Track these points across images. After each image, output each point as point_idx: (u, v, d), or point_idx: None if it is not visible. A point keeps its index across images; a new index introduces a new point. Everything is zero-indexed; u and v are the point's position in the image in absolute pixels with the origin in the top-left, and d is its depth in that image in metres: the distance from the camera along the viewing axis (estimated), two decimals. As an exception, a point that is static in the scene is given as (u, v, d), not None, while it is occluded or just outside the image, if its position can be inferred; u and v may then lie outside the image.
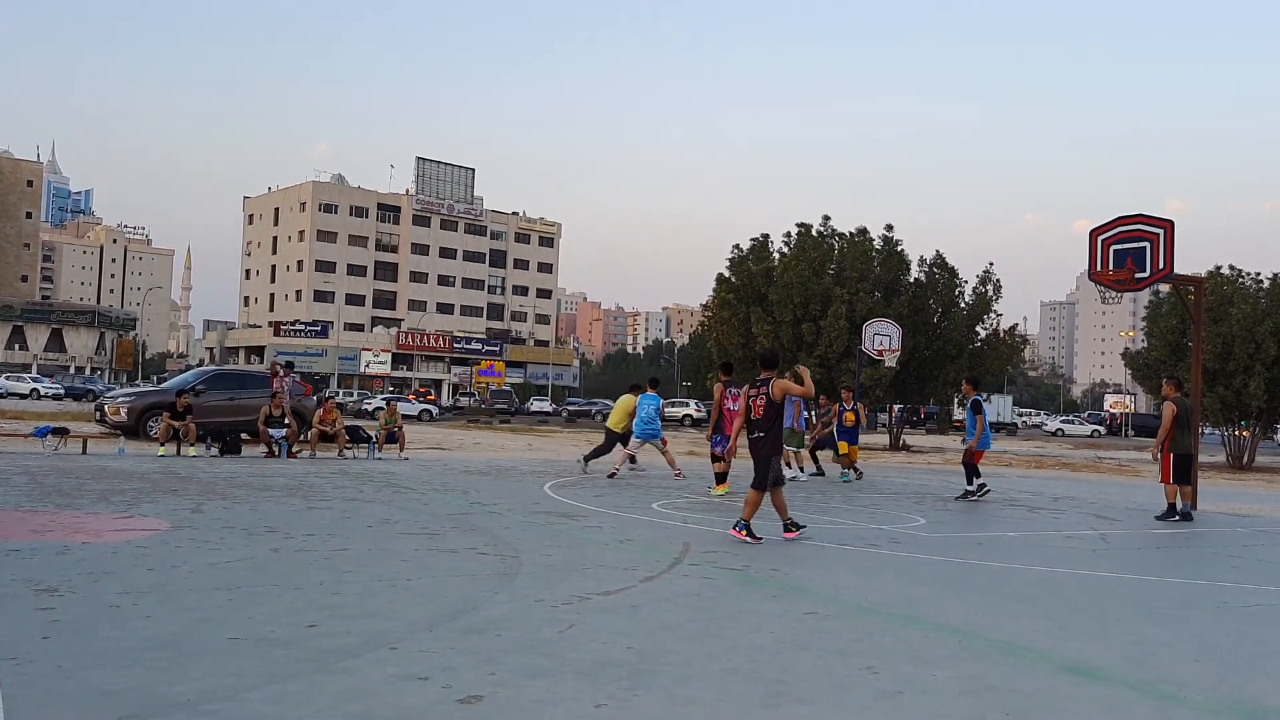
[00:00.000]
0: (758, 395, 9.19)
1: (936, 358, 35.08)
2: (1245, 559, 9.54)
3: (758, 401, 9.18)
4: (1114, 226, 14.89)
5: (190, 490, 11.72)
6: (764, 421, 9.15)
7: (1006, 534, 10.90)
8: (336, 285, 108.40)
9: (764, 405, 9.13)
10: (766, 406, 9.13)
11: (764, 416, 9.14)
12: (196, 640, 4.80)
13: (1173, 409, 12.94)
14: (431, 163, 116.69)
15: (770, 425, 9.17)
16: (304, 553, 7.55)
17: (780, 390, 9.12)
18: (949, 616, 6.10)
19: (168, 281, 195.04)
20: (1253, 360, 29.32)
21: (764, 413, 9.13)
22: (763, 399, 9.14)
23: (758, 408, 9.17)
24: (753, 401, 9.21)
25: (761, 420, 9.14)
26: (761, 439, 9.16)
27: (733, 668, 4.66)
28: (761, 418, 9.14)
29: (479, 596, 6.12)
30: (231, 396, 21.74)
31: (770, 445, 9.17)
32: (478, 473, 16.37)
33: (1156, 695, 4.50)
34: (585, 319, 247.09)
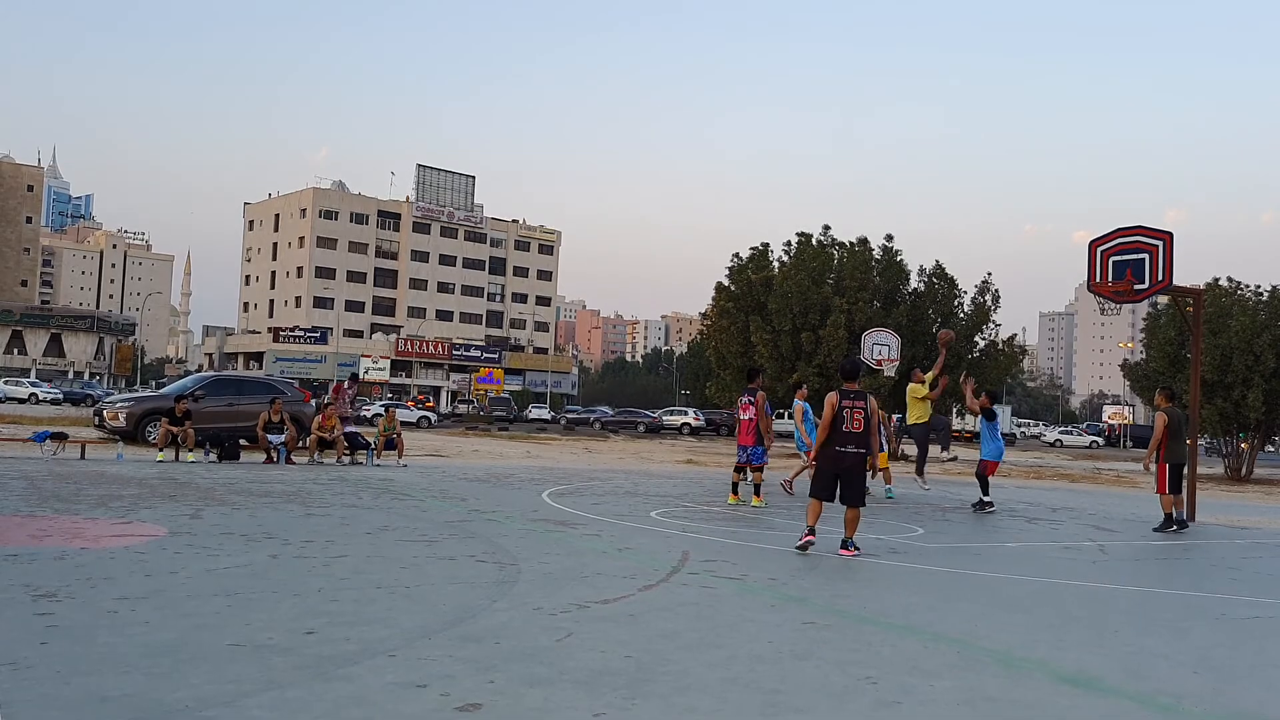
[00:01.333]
0: (854, 409, 8.98)
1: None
2: (1243, 571, 9.54)
3: (856, 415, 8.98)
4: (1113, 238, 14.92)
5: (189, 496, 11.71)
6: (865, 436, 9.03)
7: (1005, 544, 10.90)
8: (336, 291, 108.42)
9: (863, 419, 9.00)
10: (866, 420, 9.01)
11: (864, 430, 9.01)
12: (195, 646, 4.79)
13: (1164, 419, 12.92)
14: (432, 170, 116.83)
15: (868, 440, 9.12)
16: (302, 559, 7.55)
17: (876, 407, 9.08)
18: (948, 626, 6.10)
19: (167, 287, 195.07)
20: (1251, 372, 29.34)
21: (863, 426, 9.00)
22: (860, 413, 8.99)
23: (857, 421, 8.97)
24: (850, 413, 8.97)
25: (862, 434, 9.00)
26: (863, 454, 9.08)
27: (731, 677, 4.66)
28: (862, 431, 9.00)
29: (477, 604, 6.12)
30: (230, 402, 21.73)
31: (864, 461, 9.11)
32: (476, 480, 16.36)
33: (1155, 706, 4.50)
34: (584, 327, 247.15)
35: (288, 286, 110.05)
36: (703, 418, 63.17)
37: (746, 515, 12.46)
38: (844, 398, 9.03)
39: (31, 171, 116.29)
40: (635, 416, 66.60)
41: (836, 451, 8.96)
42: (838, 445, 8.95)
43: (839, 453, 8.95)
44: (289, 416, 19.15)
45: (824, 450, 9.03)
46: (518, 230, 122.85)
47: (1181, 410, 14.01)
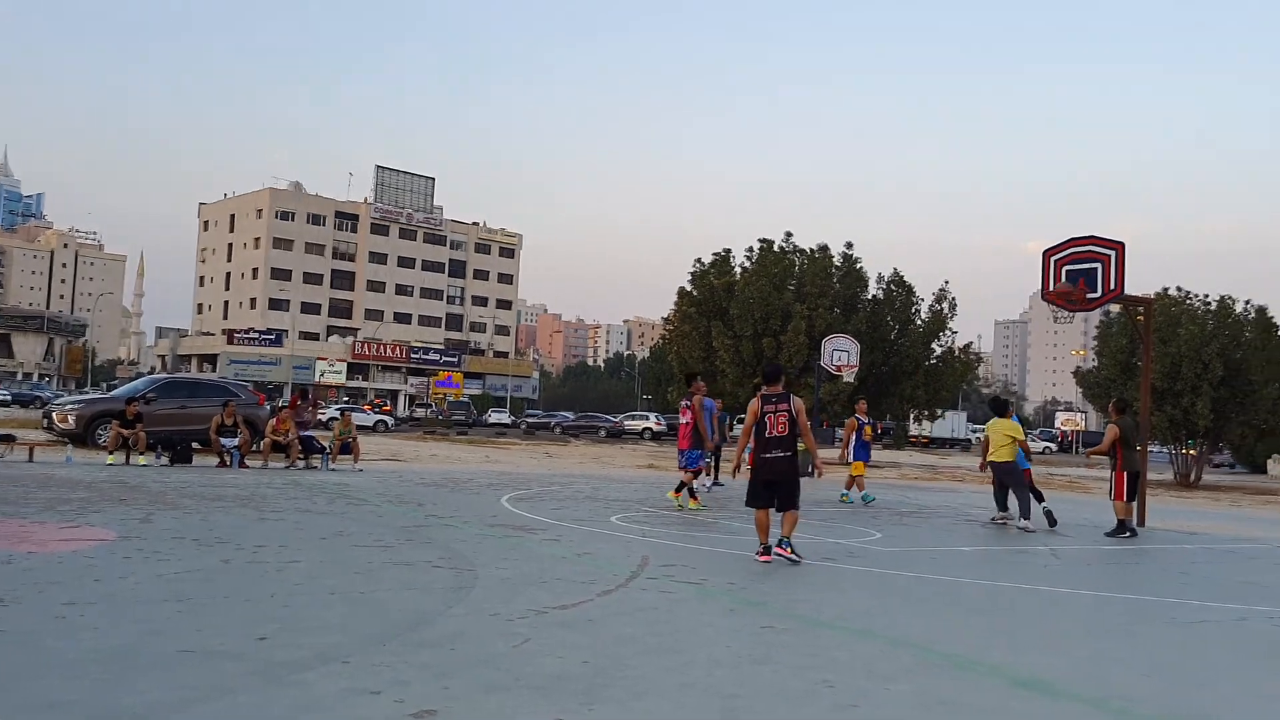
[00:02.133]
0: (776, 412, 8.91)
1: (893, 374, 35.45)
2: (1193, 575, 9.71)
3: (779, 418, 8.90)
4: (1066, 247, 15.15)
5: (139, 500, 11.51)
6: (791, 439, 8.95)
7: (960, 548, 11.01)
8: (292, 293, 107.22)
9: (787, 421, 8.91)
10: (790, 423, 8.92)
11: (789, 433, 8.93)
12: (145, 652, 4.70)
13: (1115, 430, 13.40)
14: (391, 171, 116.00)
15: (795, 442, 9.04)
16: (255, 564, 7.44)
17: (801, 407, 9.05)
18: (904, 630, 6.14)
19: (119, 287, 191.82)
20: (1200, 380, 29.94)
21: (788, 429, 8.92)
22: (785, 415, 8.92)
23: (780, 425, 8.89)
24: (771, 418, 8.90)
25: (788, 438, 8.92)
26: (791, 457, 8.97)
27: (689, 682, 4.65)
28: (786, 434, 8.92)
29: (433, 610, 6.06)
30: (183, 405, 21.39)
31: (795, 463, 9.07)
32: (433, 485, 16.24)
33: (1108, 710, 4.56)
34: (545, 331, 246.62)
35: (243, 288, 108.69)
36: (664, 422, 63.16)
37: (705, 520, 12.48)
38: (765, 402, 8.96)
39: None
40: (596, 421, 66.55)
41: (763, 458, 8.90)
42: (763, 451, 8.89)
43: (765, 459, 8.89)
44: (243, 420, 18.89)
45: (754, 457, 8.99)
46: (478, 233, 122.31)
47: (1133, 420, 14.31)
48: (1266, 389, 30.48)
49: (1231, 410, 30.81)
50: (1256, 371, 30.47)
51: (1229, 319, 31.63)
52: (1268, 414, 31.04)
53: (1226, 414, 30.84)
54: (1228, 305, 32.06)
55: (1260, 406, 30.64)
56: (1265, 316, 31.86)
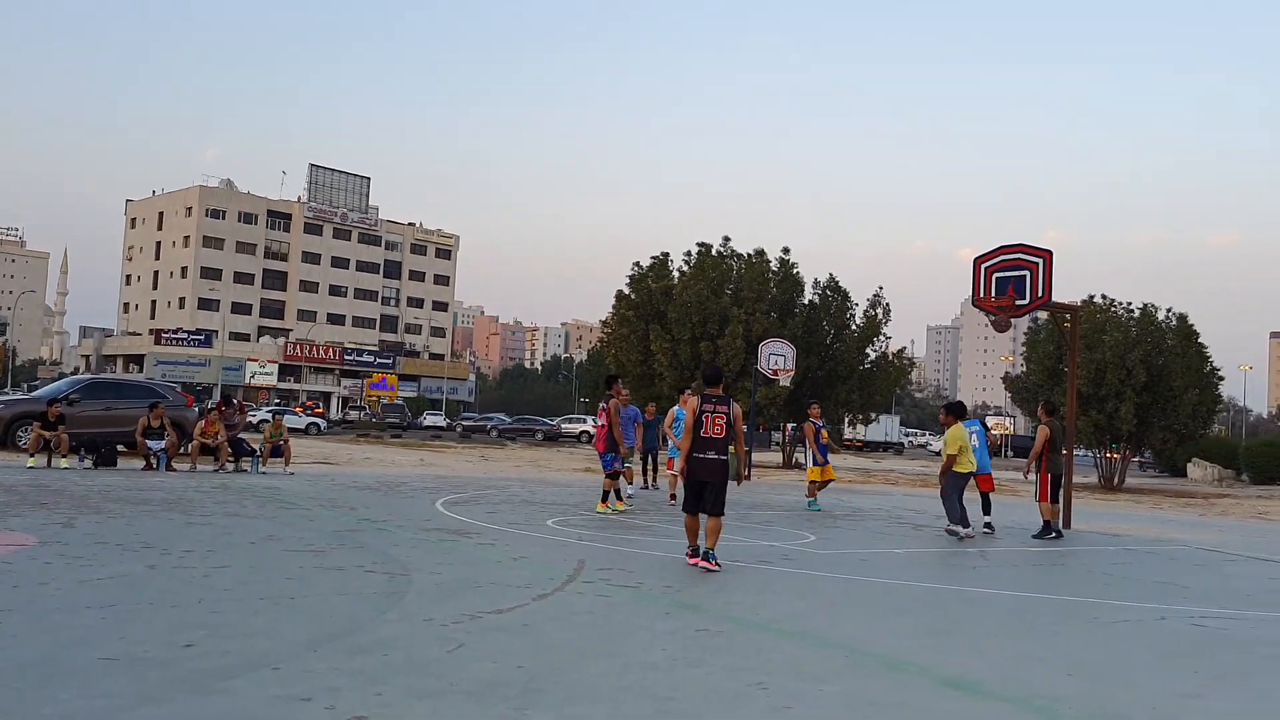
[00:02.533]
0: (715, 413, 8.72)
1: (829, 378, 35.87)
2: (1115, 576, 9.97)
3: (717, 419, 8.71)
4: (997, 255, 15.46)
5: (61, 504, 11.19)
6: (724, 442, 8.77)
7: (892, 551, 11.17)
8: (222, 293, 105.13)
9: (724, 424, 8.73)
10: (727, 426, 8.75)
11: (725, 436, 8.75)
12: (65, 661, 4.57)
13: (1046, 432, 13.69)
14: (325, 170, 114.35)
15: (728, 446, 8.87)
16: (182, 570, 7.28)
17: (739, 414, 8.94)
18: (836, 632, 6.22)
19: (42, 286, 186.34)
20: (1124, 386, 30.76)
21: (725, 432, 8.74)
22: (722, 418, 8.74)
23: (718, 426, 8.70)
24: (709, 418, 8.69)
25: (722, 440, 8.74)
26: (724, 460, 8.80)
27: (624, 686, 4.65)
28: (723, 436, 8.73)
29: (365, 615, 5.99)
30: (108, 406, 20.86)
31: (726, 466, 8.86)
32: (367, 488, 16.04)
33: (1031, 708, 4.66)
34: (482, 333, 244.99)
35: (171, 287, 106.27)
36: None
37: (640, 524, 12.50)
38: (705, 402, 8.79)
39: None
40: (533, 424, 66.25)
41: (697, 458, 8.71)
42: (697, 451, 8.71)
43: (699, 459, 8.70)
44: (170, 422, 18.47)
45: (689, 458, 8.78)
46: (414, 233, 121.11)
47: (1060, 423, 14.65)
48: (1186, 395, 31.41)
49: (1153, 415, 31.69)
50: (1177, 378, 31.38)
51: (1151, 326, 32.54)
52: (1188, 419, 31.97)
53: (1149, 419, 31.71)
54: (1150, 313, 32.98)
55: (1180, 411, 31.55)
56: (1186, 324, 32.83)
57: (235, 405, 20.76)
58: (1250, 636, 6.85)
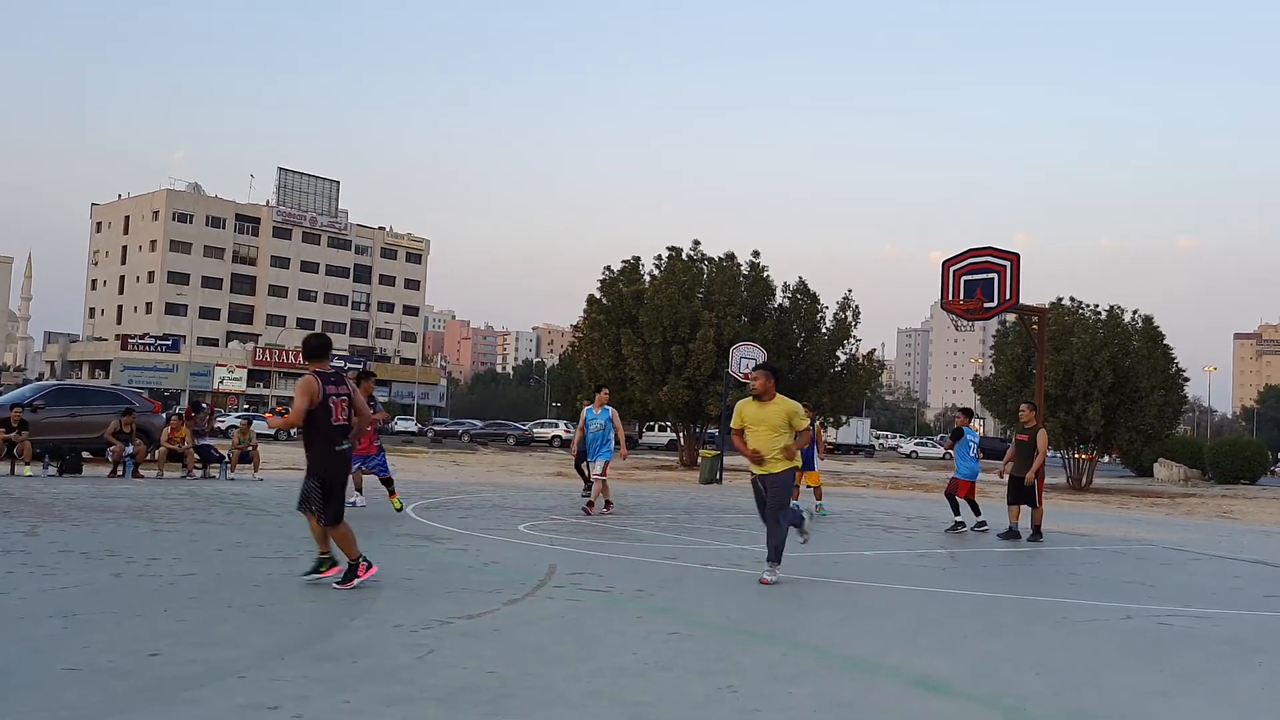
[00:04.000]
0: (339, 395, 7.22)
1: (800, 381, 35.98)
2: (1082, 576, 10.07)
3: (341, 404, 7.21)
4: (965, 258, 15.60)
5: (24, 511, 11.02)
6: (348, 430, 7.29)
7: (863, 553, 11.22)
8: (190, 298, 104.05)
9: (347, 406, 7.28)
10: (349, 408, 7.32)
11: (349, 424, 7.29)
12: (27, 672, 4.50)
13: (1046, 436, 13.54)
14: (294, 174, 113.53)
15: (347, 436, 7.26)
16: (147, 578, 7.19)
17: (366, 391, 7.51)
18: (807, 634, 6.24)
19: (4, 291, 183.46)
20: (1091, 387, 31.09)
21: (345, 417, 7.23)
22: (345, 400, 7.26)
23: (343, 409, 7.22)
24: (335, 404, 7.16)
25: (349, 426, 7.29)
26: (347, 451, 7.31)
27: (595, 690, 4.64)
28: (347, 423, 7.27)
29: (334, 622, 5.94)
30: (73, 413, 20.57)
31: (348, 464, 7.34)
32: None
33: (1000, 708, 4.70)
34: (453, 337, 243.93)
35: (138, 292, 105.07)
36: (572, 429, 63.17)
37: (612, 528, 12.49)
38: (325, 382, 7.12)
39: None
40: (505, 429, 66.09)
41: (335, 452, 7.16)
42: (333, 445, 7.14)
43: (338, 453, 7.17)
44: (136, 428, 18.25)
45: (320, 452, 7.13)
46: (384, 237, 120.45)
47: None
48: (1153, 395, 31.79)
49: (1121, 416, 32.05)
50: (1144, 379, 31.77)
51: (1118, 328, 32.92)
52: (1154, 419, 32.37)
53: (1116, 420, 32.08)
54: (1117, 315, 33.38)
55: (1147, 412, 31.94)
56: (1151, 326, 33.24)
57: (204, 411, 20.56)
58: (1215, 634, 6.94)
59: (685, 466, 34.41)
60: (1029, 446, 13.26)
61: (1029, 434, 13.34)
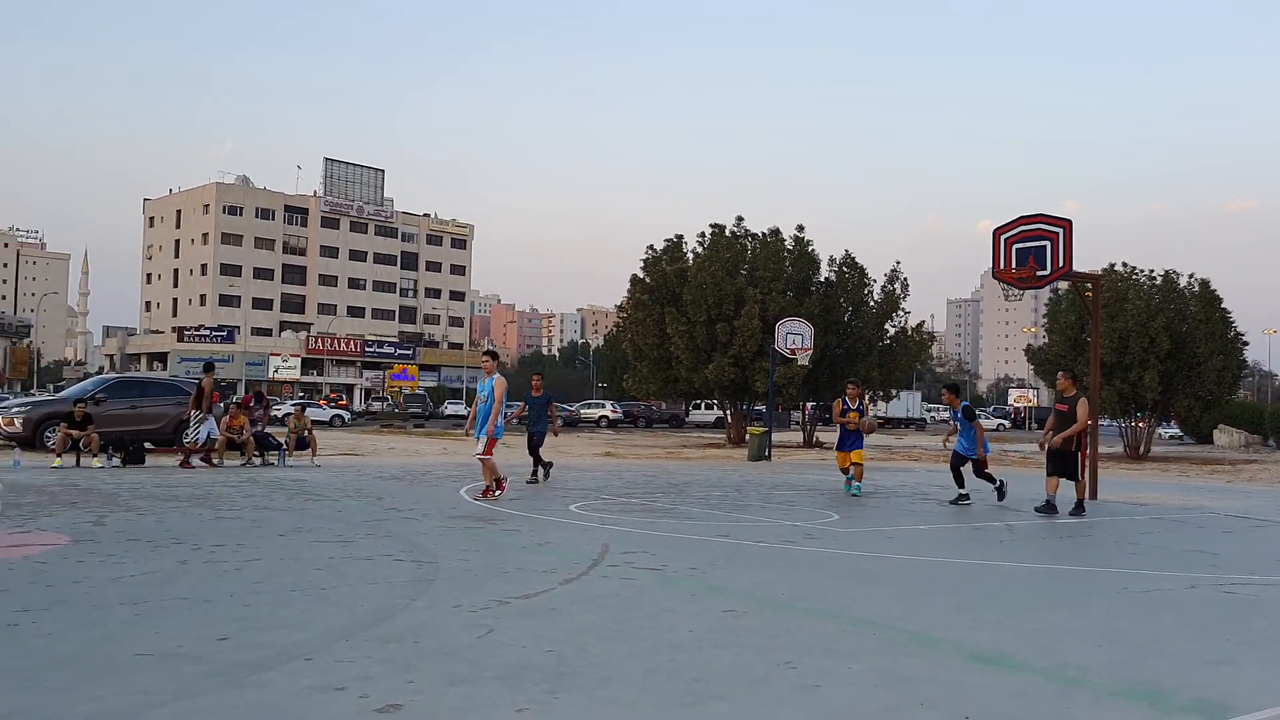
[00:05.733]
0: None
1: (848, 355, 35.75)
2: (1143, 545, 9.92)
3: None
4: (1016, 226, 15.35)
5: (91, 502, 11.31)
6: None
7: (918, 527, 11.15)
8: (242, 289, 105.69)
9: None
10: None
11: None
12: (100, 658, 4.63)
13: (1086, 405, 12.76)
14: (340, 164, 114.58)
15: None
16: (213, 564, 7.35)
17: None
18: (864, 609, 6.22)
19: (64, 287, 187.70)
20: (1147, 354, 30.53)
21: None
22: None
23: None
24: None
25: None
26: None
27: (652, 668, 4.67)
28: None
29: (395, 604, 6.03)
30: (134, 405, 21.04)
31: None
32: (392, 478, 16.13)
33: (1061, 680, 4.65)
34: (499, 321, 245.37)
35: (192, 284, 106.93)
36: (620, 410, 63.30)
37: (662, 507, 12.52)
38: None
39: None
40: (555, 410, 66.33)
41: None
42: None
43: None
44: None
45: None
46: (429, 224, 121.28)
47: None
48: (1211, 361, 31.14)
49: (1178, 382, 31.46)
50: (1201, 344, 31.12)
51: (1174, 293, 32.25)
52: (1213, 385, 31.73)
53: (1174, 386, 31.48)
54: (1173, 280, 32.69)
55: (1205, 378, 31.31)
56: (1208, 290, 32.51)
57: (262, 400, 20.94)
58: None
59: (733, 444, 34.37)
60: (1068, 417, 12.63)
61: (1068, 403, 12.70)
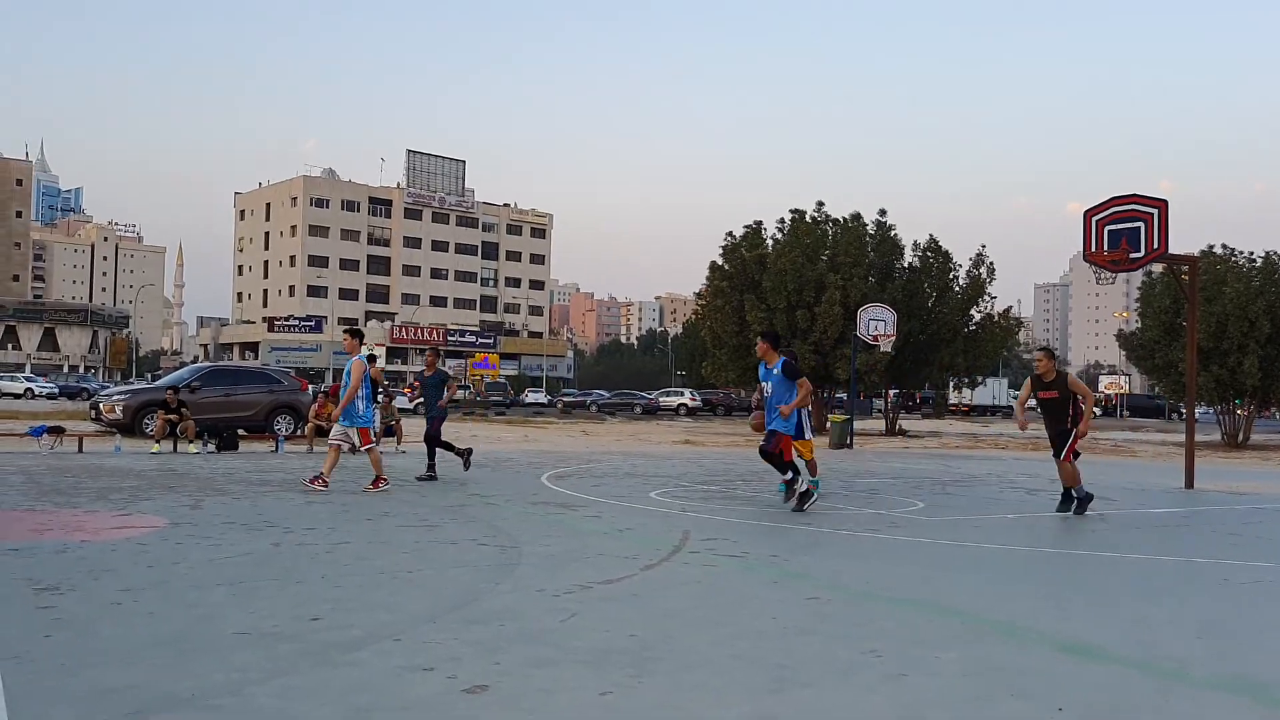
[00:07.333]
0: None
1: (931, 342, 35.14)
2: (1244, 536, 9.57)
3: None
4: (1108, 207, 14.89)
5: (188, 487, 11.70)
6: None
7: (1005, 516, 10.92)
8: (329, 280, 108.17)
9: None
10: None
11: None
12: (199, 636, 4.79)
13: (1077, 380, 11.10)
14: (422, 155, 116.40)
15: None
16: (304, 546, 7.54)
17: None
18: (951, 599, 6.11)
19: (160, 279, 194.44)
20: (1246, 338, 29.41)
21: None
22: None
23: None
24: None
25: None
26: None
27: (736, 654, 4.66)
28: None
29: (480, 587, 6.12)
30: (227, 393, 21.70)
31: None
32: (474, 464, 16.36)
33: (1159, 673, 4.51)
34: (578, 310, 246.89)
35: (281, 276, 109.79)
36: (699, 398, 63.25)
37: (743, 495, 12.48)
38: None
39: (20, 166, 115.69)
40: (631, 398, 66.66)
41: None
42: None
43: None
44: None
45: None
46: (509, 214, 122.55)
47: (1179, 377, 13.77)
48: (1315, 346, 29.89)
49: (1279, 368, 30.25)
50: (1304, 328, 29.88)
51: (1276, 276, 31.00)
52: (1317, 371, 30.45)
53: (1274, 372, 30.28)
54: (1274, 262, 31.40)
55: (1309, 364, 30.07)
56: (1312, 272, 31.18)
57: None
58: (1395, 597, 6.50)
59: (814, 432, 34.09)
60: (1060, 403, 10.59)
61: (1055, 388, 10.66)
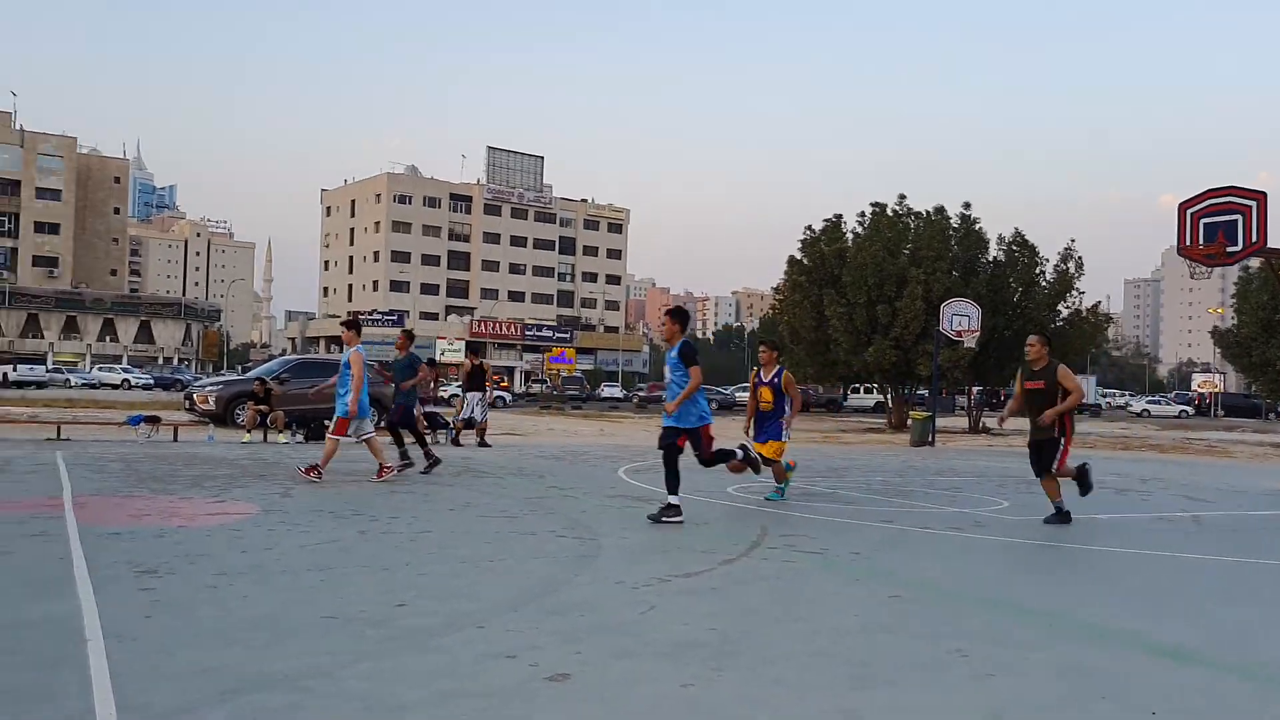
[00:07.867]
0: None
1: (1017, 338, 34.30)
2: (1348, 541, 9.18)
3: None
4: (1203, 199, 14.43)
5: (278, 475, 12.02)
6: None
7: (1095, 516, 10.64)
8: (411, 275, 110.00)
9: None
10: None
11: None
12: (291, 619, 4.92)
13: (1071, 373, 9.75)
14: (501, 152, 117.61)
15: None
16: (389, 535, 7.70)
17: None
18: (1037, 599, 5.99)
19: (250, 273, 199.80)
20: (1352, 336, 28.19)
21: None
22: None
23: None
24: None
25: None
26: None
27: (817, 650, 4.63)
28: None
29: (560, 578, 6.18)
30: (314, 385, 22.22)
31: None
32: (552, 458, 16.51)
33: (1256, 678, 4.37)
34: (654, 305, 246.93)
35: (365, 271, 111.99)
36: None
37: (822, 491, 12.37)
38: None
39: (118, 164, 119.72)
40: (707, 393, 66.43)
41: None
42: None
43: None
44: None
45: None
46: (586, 209, 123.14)
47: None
48: None
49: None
50: None
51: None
52: None
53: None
54: (1382, 256, 30.05)
55: None
56: None
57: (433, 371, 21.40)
58: None
59: (894, 429, 33.62)
60: (1047, 393, 9.50)
61: (1044, 376, 9.55)
